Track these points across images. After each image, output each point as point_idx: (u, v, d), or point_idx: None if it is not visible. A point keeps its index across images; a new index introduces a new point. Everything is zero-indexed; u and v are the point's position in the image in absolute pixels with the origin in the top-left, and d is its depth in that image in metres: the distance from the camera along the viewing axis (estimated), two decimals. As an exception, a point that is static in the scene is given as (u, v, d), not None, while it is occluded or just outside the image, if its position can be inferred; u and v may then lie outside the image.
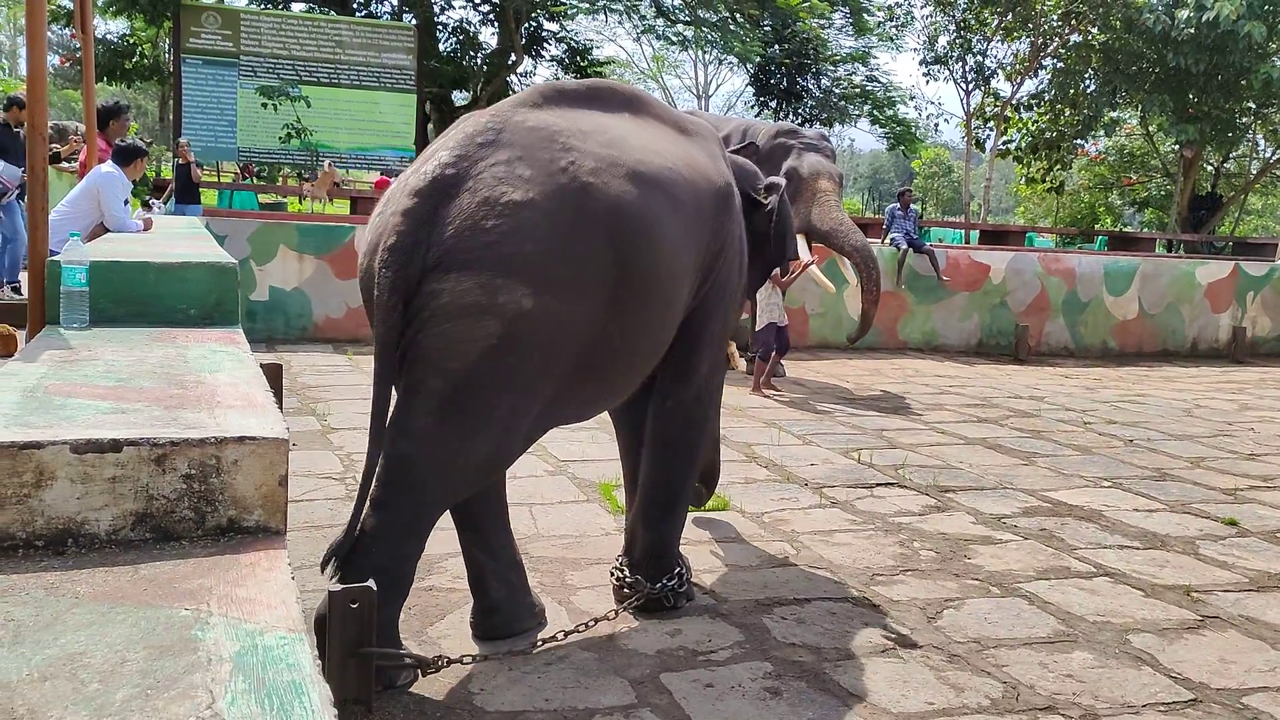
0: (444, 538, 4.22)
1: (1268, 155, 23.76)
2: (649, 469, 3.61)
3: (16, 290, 8.00)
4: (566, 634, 3.24)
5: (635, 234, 2.94)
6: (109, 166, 6.60)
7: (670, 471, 3.61)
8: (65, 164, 10.17)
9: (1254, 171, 24.11)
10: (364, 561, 2.78)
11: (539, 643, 3.24)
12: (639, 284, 2.98)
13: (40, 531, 1.57)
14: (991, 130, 23.17)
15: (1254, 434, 7.76)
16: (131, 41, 20.61)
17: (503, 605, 3.37)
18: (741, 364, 4.47)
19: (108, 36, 20.61)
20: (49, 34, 3.60)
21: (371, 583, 2.72)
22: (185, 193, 12.37)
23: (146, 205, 8.76)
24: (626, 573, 3.65)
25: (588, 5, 20.20)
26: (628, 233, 2.92)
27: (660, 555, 3.61)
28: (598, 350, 2.98)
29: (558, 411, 3.09)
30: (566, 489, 5.17)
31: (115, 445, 1.61)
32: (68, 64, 24.08)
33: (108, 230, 6.20)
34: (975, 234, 18.78)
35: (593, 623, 3.32)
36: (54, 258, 3.06)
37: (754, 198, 3.89)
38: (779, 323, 8.13)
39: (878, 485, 5.59)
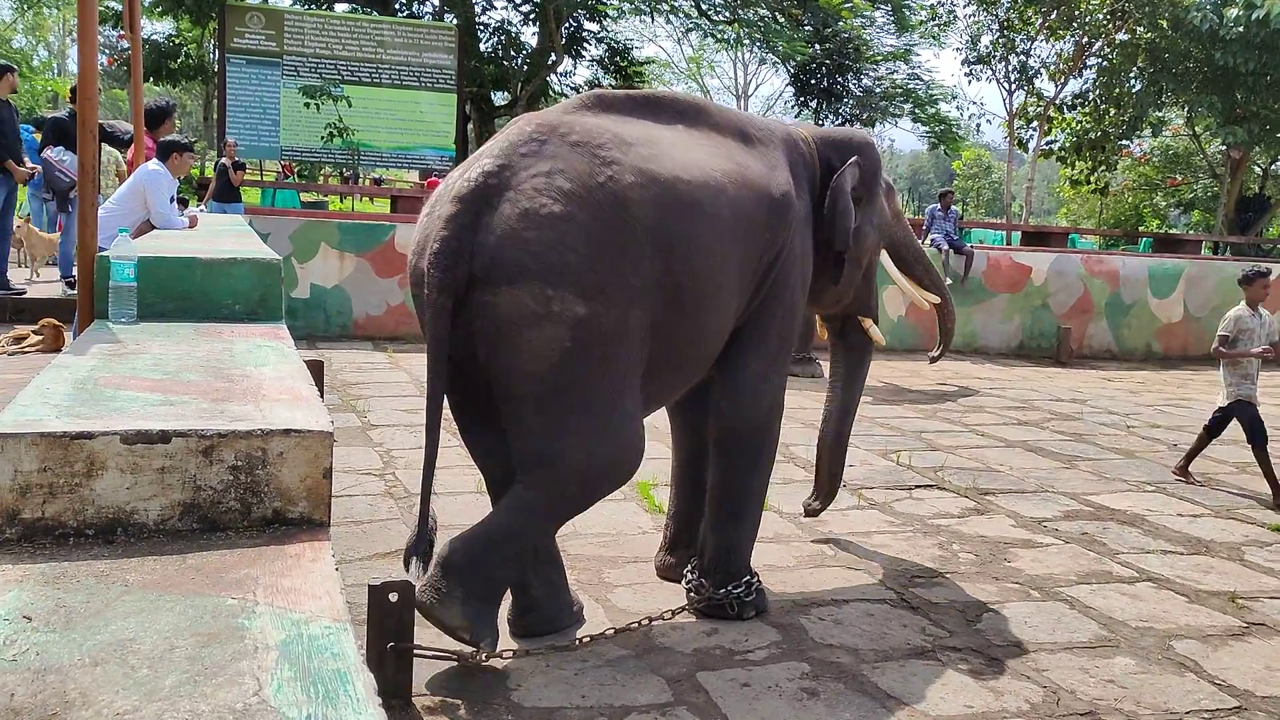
0: (482, 534, 4.25)
1: (1318, 156, 23.32)
2: (713, 475, 3.65)
3: (71, 285, 8.13)
4: (617, 631, 3.27)
5: (674, 246, 3.06)
6: (154, 164, 6.69)
7: (733, 477, 3.61)
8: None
9: (1303, 173, 23.69)
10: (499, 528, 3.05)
11: (576, 641, 3.25)
12: (679, 293, 3.10)
13: (91, 520, 1.60)
14: (1034, 130, 22.92)
15: (1302, 439, 7.61)
16: (177, 42, 20.90)
17: (541, 603, 3.39)
18: (881, 339, 4.48)
19: (154, 37, 20.91)
20: (98, 35, 3.66)
21: (412, 576, 2.76)
22: (225, 192, 12.58)
23: (183, 203, 8.88)
24: (693, 575, 3.67)
25: (631, 6, 20.22)
26: (667, 244, 3.04)
27: (726, 561, 3.59)
28: (657, 353, 3.14)
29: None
30: (604, 487, 5.17)
31: (164, 436, 1.64)
32: (115, 64, 24.44)
33: (154, 227, 6.28)
34: (1017, 235, 18.60)
35: (646, 621, 3.34)
36: (103, 253, 3.11)
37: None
38: None
39: (917, 487, 5.56)
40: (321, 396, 2.69)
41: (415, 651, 2.86)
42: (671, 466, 4.02)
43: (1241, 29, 16.83)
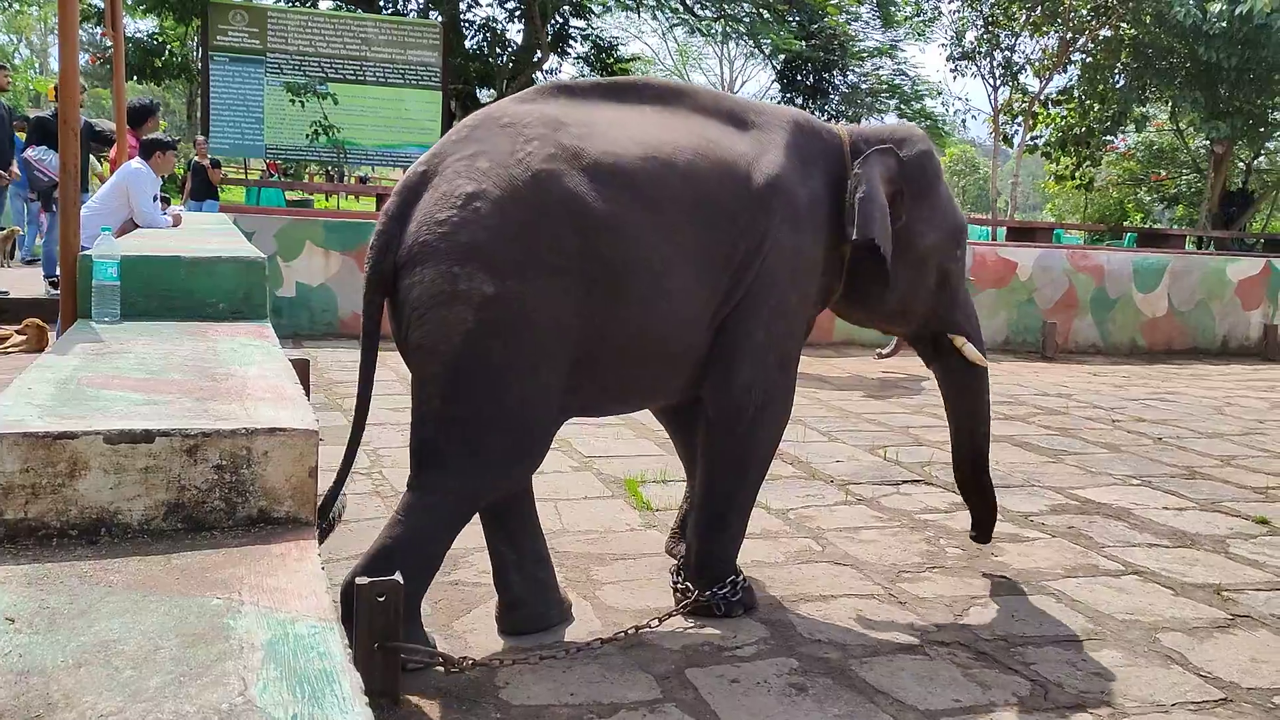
0: (470, 532, 4.22)
1: (1300, 151, 23.48)
2: (699, 478, 3.56)
3: (55, 285, 8.10)
4: (604, 642, 3.20)
5: (599, 223, 2.95)
6: (137, 163, 6.67)
7: (717, 485, 3.50)
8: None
9: (1286, 167, 23.83)
10: (393, 541, 2.93)
11: (570, 647, 3.24)
12: (611, 275, 2.97)
13: (74, 521, 1.59)
14: (1019, 126, 22.99)
15: (1286, 432, 7.66)
16: (161, 40, 20.79)
17: (525, 600, 3.37)
18: (981, 360, 4.10)
19: (137, 35, 20.80)
20: (80, 32, 3.64)
21: (398, 575, 2.75)
22: (201, 190, 12.62)
23: (165, 202, 8.84)
24: (679, 578, 3.63)
25: (617, 1, 20.20)
26: (591, 222, 2.93)
27: (708, 565, 3.52)
28: (598, 341, 3.01)
29: (575, 400, 3.13)
30: (592, 485, 5.17)
31: (148, 436, 1.63)
32: (98, 62, 24.31)
33: (137, 226, 6.25)
34: (1002, 231, 18.65)
35: (633, 630, 3.27)
36: (85, 253, 3.10)
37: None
38: None
39: (904, 482, 5.57)
40: (307, 395, 2.68)
41: (402, 653, 2.85)
42: (682, 457, 3.97)
43: (1225, 24, 16.90)
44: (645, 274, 3.03)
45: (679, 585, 3.62)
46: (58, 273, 3.36)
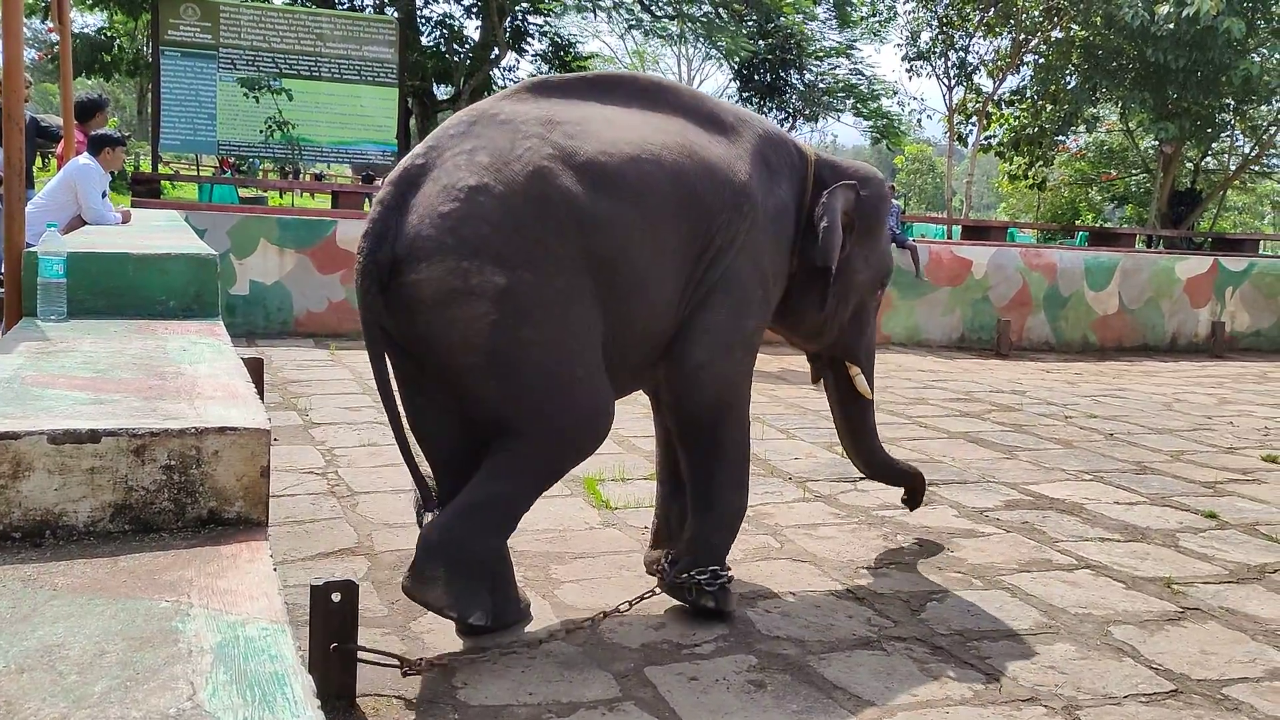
0: (427, 532, 4.21)
1: (1246, 151, 23.89)
2: (682, 467, 3.63)
3: (-3, 283, 7.93)
4: (568, 632, 3.23)
5: (596, 220, 3.03)
6: (85, 158, 6.54)
7: (695, 468, 3.56)
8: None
9: (1233, 168, 24.26)
10: (487, 497, 3.05)
11: (530, 640, 3.22)
12: (603, 270, 3.07)
13: (17, 523, 1.55)
14: (974, 126, 23.22)
15: (1233, 428, 7.80)
16: (110, 35, 20.44)
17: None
18: (868, 392, 4.26)
19: (84, 30, 20.44)
20: (25, 30, 3.56)
21: (354, 578, 2.72)
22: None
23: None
24: (666, 558, 3.63)
25: (573, 1, 20.15)
26: (589, 218, 3.02)
27: (696, 549, 3.52)
28: (595, 328, 3.11)
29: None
30: (550, 483, 5.15)
31: (93, 436, 1.59)
32: (45, 59, 23.84)
33: (85, 223, 6.14)
34: (958, 229, 18.82)
35: (601, 617, 3.34)
36: (31, 249, 3.03)
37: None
38: None
39: (861, 479, 5.59)
40: (261, 395, 2.64)
41: (359, 655, 2.82)
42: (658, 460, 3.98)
43: (1172, 26, 17.16)
44: (631, 269, 3.13)
45: (663, 563, 3.62)
46: (1, 270, 3.28)
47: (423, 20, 21.00)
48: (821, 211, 3.68)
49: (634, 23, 21.51)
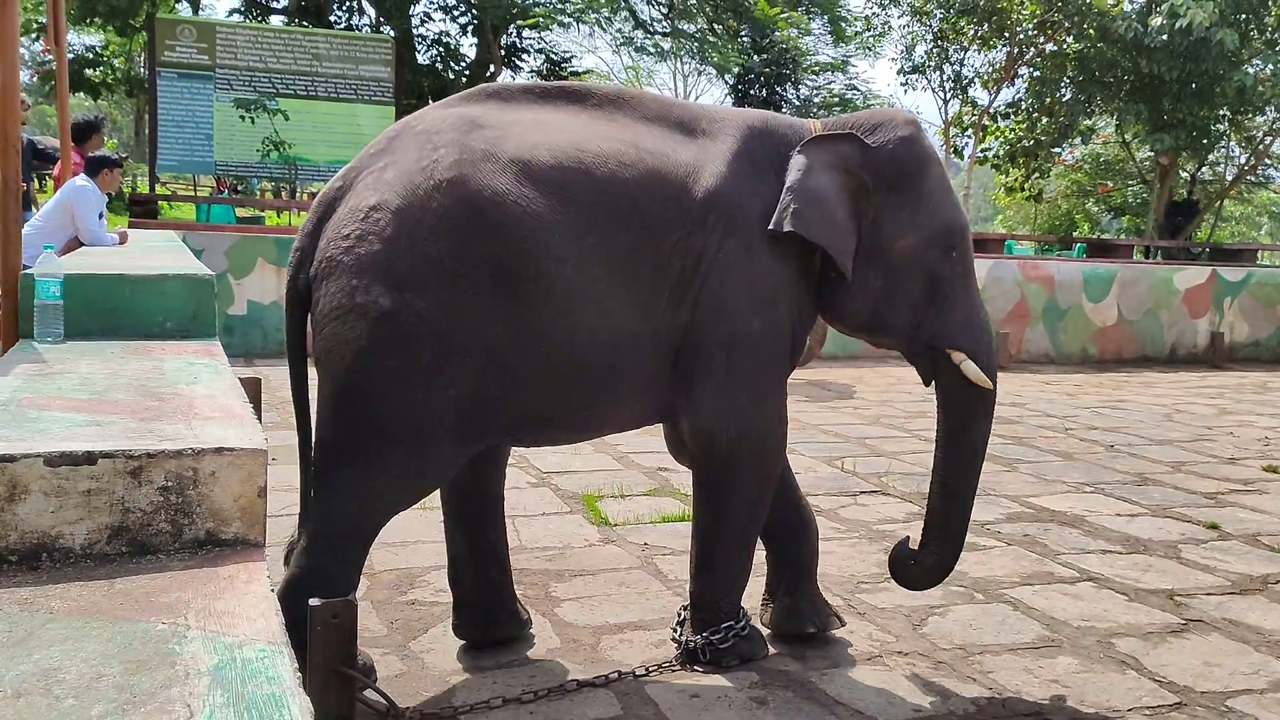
0: (428, 550, 4.20)
1: (1242, 162, 23.97)
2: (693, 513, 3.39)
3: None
4: (608, 678, 3.11)
5: (501, 225, 2.77)
6: (82, 180, 6.55)
7: (701, 520, 3.29)
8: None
9: (1229, 178, 24.34)
10: (301, 564, 2.80)
11: (538, 690, 3.20)
12: (518, 279, 2.79)
13: (14, 546, 1.54)
14: (969, 139, 23.30)
15: (1233, 438, 7.80)
16: (104, 55, 20.50)
17: (474, 600, 3.32)
18: (984, 381, 3.33)
19: (77, 49, 20.49)
20: (23, 48, 3.56)
21: (353, 597, 2.70)
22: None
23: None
24: (678, 621, 3.44)
25: (565, 17, 20.23)
26: (493, 224, 2.77)
27: (701, 608, 3.32)
28: (513, 350, 2.82)
29: (498, 420, 2.91)
30: (550, 501, 5.14)
31: (90, 457, 1.58)
32: (36, 78, 23.86)
33: (82, 244, 6.14)
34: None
35: (620, 674, 3.16)
36: (27, 271, 3.03)
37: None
38: None
39: (861, 493, 5.59)
40: (259, 415, 2.63)
41: (350, 677, 2.80)
42: None
43: (1165, 38, 17.23)
44: (557, 280, 2.82)
45: (679, 628, 3.42)
46: (-1, 292, 3.27)
47: (419, 39, 21.09)
48: (791, 170, 3.12)
49: (625, 40, 21.61)
